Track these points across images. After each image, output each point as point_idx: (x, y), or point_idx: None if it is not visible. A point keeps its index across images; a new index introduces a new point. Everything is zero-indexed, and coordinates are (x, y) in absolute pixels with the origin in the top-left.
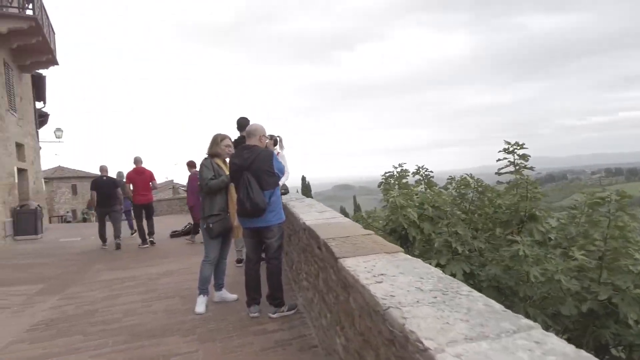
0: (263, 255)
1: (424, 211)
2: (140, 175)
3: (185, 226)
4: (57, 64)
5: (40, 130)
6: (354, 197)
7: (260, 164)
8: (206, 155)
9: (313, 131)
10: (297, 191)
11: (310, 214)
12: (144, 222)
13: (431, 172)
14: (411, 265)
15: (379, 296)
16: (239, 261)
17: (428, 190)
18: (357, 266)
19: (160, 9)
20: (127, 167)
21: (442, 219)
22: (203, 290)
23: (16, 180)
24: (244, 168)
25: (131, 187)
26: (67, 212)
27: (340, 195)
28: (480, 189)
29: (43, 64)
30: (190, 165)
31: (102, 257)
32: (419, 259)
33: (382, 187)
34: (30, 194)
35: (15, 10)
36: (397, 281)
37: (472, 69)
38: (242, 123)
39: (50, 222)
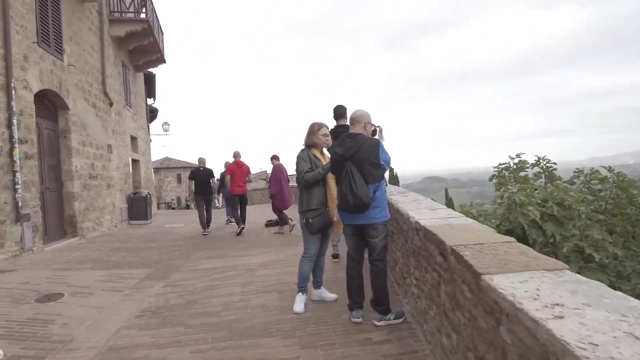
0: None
1: (546, 209)
2: (239, 168)
3: None
4: (164, 62)
5: (151, 125)
6: (446, 190)
7: (365, 154)
8: (303, 146)
9: (400, 121)
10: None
11: (421, 211)
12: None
13: (554, 163)
14: (596, 292)
15: (570, 342)
16: (334, 256)
17: (549, 185)
18: (513, 288)
19: (253, 8)
20: (225, 157)
21: (572, 219)
22: (302, 288)
23: (131, 170)
24: (347, 158)
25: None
26: (172, 199)
27: (430, 188)
28: (623, 184)
29: (153, 62)
30: (274, 158)
31: (202, 244)
32: (600, 282)
33: (495, 180)
34: (142, 182)
35: (131, 15)
36: (586, 317)
37: (586, 47)
38: (339, 111)
39: (158, 208)
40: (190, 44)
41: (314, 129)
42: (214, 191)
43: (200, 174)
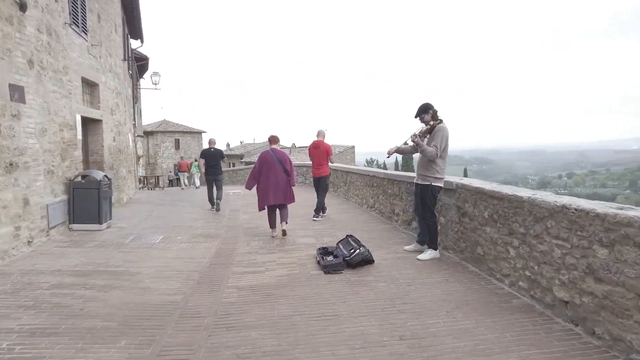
0: None
1: None
2: (316, 149)
3: (356, 248)
4: None
5: (142, 80)
6: (465, 170)
7: None
8: None
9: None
10: (397, 158)
11: None
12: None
13: None
14: None
15: None
16: None
17: None
18: None
19: None
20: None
21: None
22: None
23: (79, 136)
24: None
25: None
26: (170, 171)
27: None
28: None
29: None
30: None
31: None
32: None
33: None
34: (105, 156)
35: None
36: None
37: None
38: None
39: (145, 184)
40: None
41: None
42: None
43: (210, 154)
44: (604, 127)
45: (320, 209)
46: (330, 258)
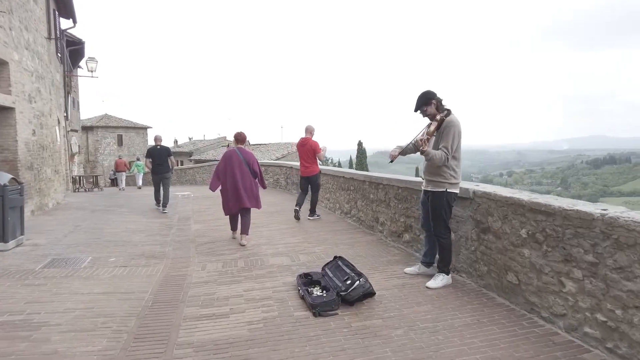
0: None
1: None
2: (303, 147)
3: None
4: None
5: (78, 68)
6: (417, 169)
7: None
8: None
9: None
10: (351, 157)
11: None
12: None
13: None
14: None
15: None
16: None
17: None
18: None
19: None
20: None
21: None
22: None
23: None
24: None
25: None
26: (112, 170)
27: (381, 162)
28: None
29: None
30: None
31: None
32: None
33: None
34: (21, 152)
35: None
36: None
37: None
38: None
39: (81, 184)
40: None
41: None
42: (172, 169)
43: (157, 152)
44: (538, 128)
45: (314, 208)
46: (317, 291)
